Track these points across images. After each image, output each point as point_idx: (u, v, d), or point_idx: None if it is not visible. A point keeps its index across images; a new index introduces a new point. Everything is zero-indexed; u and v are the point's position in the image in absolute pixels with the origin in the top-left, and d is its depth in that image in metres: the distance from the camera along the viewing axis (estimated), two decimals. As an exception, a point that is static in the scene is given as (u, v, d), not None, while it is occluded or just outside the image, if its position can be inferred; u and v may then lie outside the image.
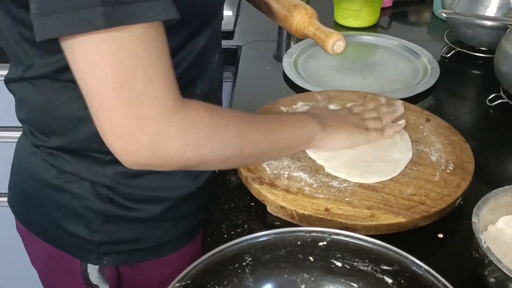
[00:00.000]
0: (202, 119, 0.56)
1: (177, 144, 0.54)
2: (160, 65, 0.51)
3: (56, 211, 0.69)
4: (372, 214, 0.65)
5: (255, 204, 0.71)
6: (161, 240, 0.73)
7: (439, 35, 1.21)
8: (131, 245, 0.71)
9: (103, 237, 0.69)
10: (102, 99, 0.50)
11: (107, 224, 0.69)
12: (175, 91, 0.53)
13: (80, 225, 0.69)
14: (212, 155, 0.58)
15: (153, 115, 0.51)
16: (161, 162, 0.55)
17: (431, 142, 0.78)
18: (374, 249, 0.55)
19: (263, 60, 1.12)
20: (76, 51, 0.49)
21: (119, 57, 0.48)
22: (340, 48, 0.76)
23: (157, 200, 0.70)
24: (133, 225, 0.70)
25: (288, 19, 0.81)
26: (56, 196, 0.69)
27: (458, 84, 1.06)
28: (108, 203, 0.68)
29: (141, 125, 0.51)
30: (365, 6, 1.23)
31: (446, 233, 0.68)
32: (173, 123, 0.53)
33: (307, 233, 0.56)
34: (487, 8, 1.05)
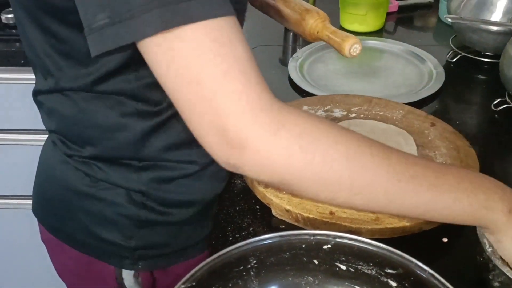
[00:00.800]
0: (296, 126, 0.47)
1: (264, 146, 0.46)
2: (234, 56, 0.45)
3: (89, 218, 0.69)
4: (376, 217, 0.66)
5: (260, 207, 0.72)
6: (189, 242, 0.73)
7: (444, 40, 1.21)
8: (164, 249, 0.72)
9: (138, 242, 0.69)
10: (183, 99, 0.47)
11: (141, 229, 0.69)
12: (257, 84, 0.46)
13: (114, 232, 0.69)
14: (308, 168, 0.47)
15: (236, 110, 0.45)
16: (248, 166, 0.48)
17: (436, 147, 0.79)
18: (378, 253, 0.55)
19: (268, 65, 1.13)
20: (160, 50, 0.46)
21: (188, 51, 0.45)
22: (356, 51, 0.75)
23: (187, 203, 0.70)
24: (166, 229, 0.71)
25: (301, 23, 0.81)
26: (89, 204, 0.68)
27: (464, 89, 1.06)
28: (142, 208, 0.68)
29: (226, 120, 0.45)
30: (371, 11, 1.24)
31: (450, 237, 0.68)
32: (257, 120, 0.45)
33: (312, 236, 0.56)
34: (492, 13, 1.05)
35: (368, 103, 0.89)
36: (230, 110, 0.45)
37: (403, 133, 0.80)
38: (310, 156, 0.47)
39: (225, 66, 0.45)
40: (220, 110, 0.46)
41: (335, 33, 0.78)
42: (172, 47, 0.45)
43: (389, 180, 0.49)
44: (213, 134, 0.47)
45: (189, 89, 0.46)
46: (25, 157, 1.04)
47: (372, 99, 0.90)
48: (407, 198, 0.50)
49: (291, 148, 0.46)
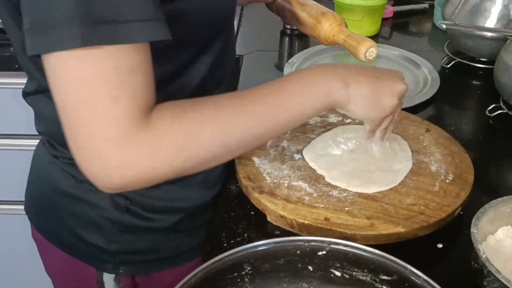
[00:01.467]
0: (169, 131, 0.52)
1: (145, 165, 0.52)
2: (129, 84, 0.50)
3: (74, 220, 0.70)
4: (371, 224, 0.65)
5: (255, 213, 0.71)
6: (177, 250, 0.73)
7: (439, 45, 1.22)
8: (147, 255, 0.72)
9: (120, 247, 0.70)
10: (69, 117, 0.50)
11: (124, 234, 0.69)
12: (143, 108, 0.51)
13: (97, 235, 0.69)
14: (188, 164, 0.54)
15: (117, 136, 0.50)
16: (135, 184, 0.53)
17: (431, 152, 0.79)
18: (373, 259, 0.55)
19: (264, 70, 1.13)
20: (51, 67, 0.50)
21: (85, 76, 0.48)
22: (372, 55, 0.74)
23: (173, 210, 0.71)
24: (150, 235, 0.71)
25: (316, 26, 0.81)
26: (74, 206, 0.69)
27: (458, 94, 1.07)
28: (126, 213, 0.68)
29: (107, 149, 0.50)
30: (366, 17, 1.24)
31: (445, 243, 0.68)
32: (139, 144, 0.51)
33: (307, 242, 0.56)
34: (487, 19, 1.06)
35: (363, 109, 0.89)
36: (111, 135, 0.50)
37: (398, 138, 0.81)
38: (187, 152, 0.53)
39: (116, 93, 0.49)
40: (101, 135, 0.50)
41: (351, 37, 0.77)
42: (74, 67, 0.48)
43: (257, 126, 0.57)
44: (91, 159, 0.51)
45: (77, 111, 0.49)
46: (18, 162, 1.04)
47: (367, 104, 0.90)
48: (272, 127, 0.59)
49: (171, 155, 0.53)
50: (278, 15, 0.91)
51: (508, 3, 1.05)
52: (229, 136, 0.56)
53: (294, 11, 0.85)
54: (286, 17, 0.88)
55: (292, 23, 0.89)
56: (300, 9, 0.84)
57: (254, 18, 1.38)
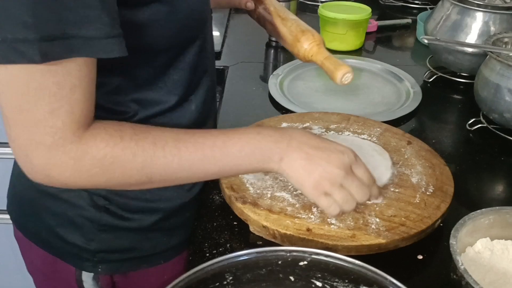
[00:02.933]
0: (98, 151, 0.56)
1: (66, 173, 0.56)
2: (69, 99, 0.53)
3: (53, 219, 0.71)
4: (353, 234, 0.66)
5: (238, 223, 0.71)
6: (155, 250, 0.74)
7: (422, 60, 1.24)
8: (125, 254, 0.73)
9: (98, 246, 0.71)
10: (7, 118, 0.54)
11: (102, 233, 0.70)
12: (78, 122, 0.55)
13: (76, 234, 0.70)
14: (109, 184, 0.59)
15: (47, 142, 0.54)
16: (54, 185, 0.58)
17: (412, 165, 0.80)
18: (353, 269, 0.55)
19: (249, 81, 1.14)
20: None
21: (27, 84, 0.52)
22: (348, 79, 0.76)
23: (151, 210, 0.72)
24: (128, 234, 0.72)
25: (296, 44, 0.82)
26: (54, 205, 0.70)
27: (440, 108, 1.09)
28: (104, 212, 0.70)
29: (35, 150, 0.54)
30: (350, 31, 1.26)
31: (425, 254, 0.69)
32: (65, 153, 0.55)
33: (288, 252, 0.56)
34: (467, 35, 1.08)
35: (346, 121, 0.90)
36: (43, 140, 0.54)
37: (379, 148, 0.82)
38: (111, 174, 0.57)
39: (55, 106, 0.53)
40: (34, 138, 0.54)
41: (329, 60, 0.78)
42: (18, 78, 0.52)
43: (182, 171, 0.60)
44: (23, 159, 0.56)
45: (15, 115, 0.54)
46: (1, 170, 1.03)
47: (350, 116, 0.92)
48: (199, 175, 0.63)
49: (92, 171, 0.57)
50: (259, 23, 0.92)
51: (488, 20, 1.08)
52: (154, 172, 0.59)
53: (274, 24, 0.86)
54: (267, 28, 0.89)
55: (271, 35, 0.90)
56: (280, 23, 0.85)
57: (240, 29, 1.40)
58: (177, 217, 0.74)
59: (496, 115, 0.94)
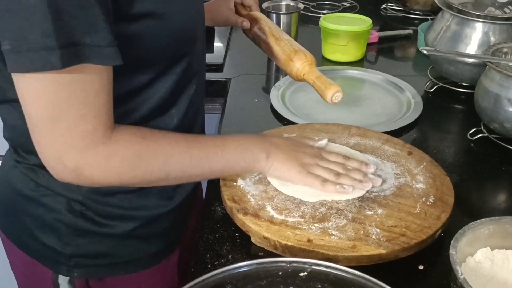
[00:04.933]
0: (126, 149, 0.62)
1: (97, 172, 0.61)
2: (94, 104, 0.58)
3: (32, 221, 0.73)
4: (353, 245, 0.66)
5: (240, 234, 0.72)
6: (132, 257, 0.76)
7: (423, 70, 1.25)
8: (102, 260, 0.74)
9: (74, 250, 0.72)
10: (38, 127, 0.59)
11: (78, 237, 0.72)
12: (106, 125, 0.60)
13: (52, 237, 0.72)
14: (134, 181, 0.65)
15: (80, 145, 0.59)
16: (84, 184, 0.64)
17: (413, 175, 0.80)
18: (354, 280, 0.56)
19: (251, 93, 1.15)
20: (24, 85, 0.56)
21: (57, 94, 0.56)
22: (338, 98, 0.80)
23: (128, 217, 0.73)
24: (104, 240, 0.73)
25: (289, 63, 0.84)
26: (32, 208, 0.72)
27: (441, 118, 1.09)
28: (80, 217, 0.71)
29: (68, 154, 0.59)
30: (352, 42, 1.27)
31: (426, 264, 0.69)
32: (96, 153, 0.60)
33: (288, 263, 0.57)
34: (467, 46, 1.09)
35: (347, 132, 0.91)
36: (76, 145, 0.59)
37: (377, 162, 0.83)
38: (136, 171, 0.64)
39: (83, 112, 0.58)
40: (68, 145, 0.59)
41: (320, 79, 0.81)
42: (46, 86, 0.55)
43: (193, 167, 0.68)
44: (55, 163, 0.60)
45: (45, 122, 0.58)
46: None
47: (351, 127, 0.92)
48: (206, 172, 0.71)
49: (120, 169, 0.63)
50: (254, 42, 0.93)
51: (488, 30, 1.08)
52: (171, 169, 0.66)
53: (268, 43, 0.88)
54: (261, 47, 0.92)
55: (266, 53, 0.92)
56: (274, 43, 0.87)
57: (242, 42, 1.41)
58: (155, 225, 0.76)
59: (497, 125, 0.95)
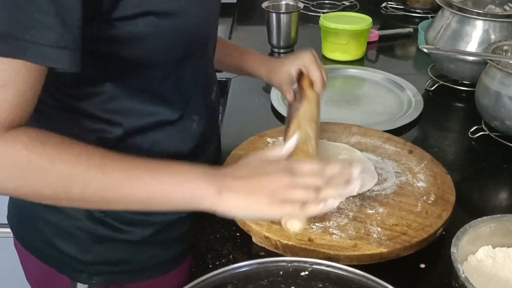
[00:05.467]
0: (13, 155, 0.53)
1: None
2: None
3: (49, 229, 0.72)
4: (354, 244, 0.66)
5: (241, 234, 0.72)
6: (150, 263, 0.75)
7: (423, 68, 1.24)
8: (120, 266, 0.73)
9: (93, 257, 0.71)
10: None
11: (97, 244, 0.71)
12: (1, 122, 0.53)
13: (71, 244, 0.71)
14: (19, 192, 0.56)
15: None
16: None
17: (414, 174, 0.80)
18: (355, 279, 0.56)
19: (252, 93, 1.15)
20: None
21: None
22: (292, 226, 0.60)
23: (147, 223, 0.72)
24: (123, 247, 0.72)
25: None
26: (50, 215, 0.71)
27: (442, 116, 1.09)
28: (100, 224, 0.70)
29: None
30: (352, 41, 1.27)
31: (428, 263, 0.69)
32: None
33: (289, 263, 0.57)
34: (468, 44, 1.09)
35: (348, 131, 0.91)
36: None
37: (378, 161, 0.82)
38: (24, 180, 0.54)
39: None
40: None
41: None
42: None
43: (106, 190, 0.55)
44: None
45: None
46: None
47: (352, 126, 0.92)
48: (126, 199, 0.57)
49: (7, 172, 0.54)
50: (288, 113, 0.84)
51: (488, 28, 1.08)
52: (75, 187, 0.55)
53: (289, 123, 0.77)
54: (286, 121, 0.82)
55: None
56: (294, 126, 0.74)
57: (242, 41, 1.41)
58: (173, 230, 0.74)
59: (498, 123, 0.94)
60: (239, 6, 1.66)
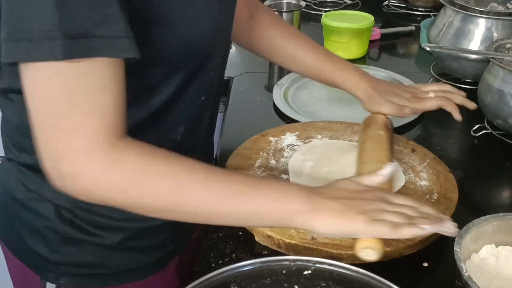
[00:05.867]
0: (130, 163, 0.54)
1: (94, 182, 0.53)
2: (100, 102, 0.52)
3: (22, 227, 0.72)
4: (357, 243, 0.66)
5: (243, 233, 0.72)
6: (123, 268, 0.73)
7: (426, 67, 1.24)
8: (90, 269, 0.72)
9: (62, 258, 0.71)
10: (37, 123, 0.53)
11: (66, 245, 0.71)
12: (109, 129, 0.53)
13: (41, 243, 0.71)
14: (141, 200, 0.55)
15: (81, 147, 0.52)
16: (81, 194, 0.55)
17: (416, 172, 0.80)
18: (358, 278, 0.56)
19: (254, 91, 1.15)
20: (29, 76, 0.52)
21: (61, 87, 0.51)
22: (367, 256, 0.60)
23: (117, 228, 0.71)
24: (93, 250, 0.71)
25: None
26: (22, 213, 0.72)
27: (444, 115, 1.07)
28: (69, 225, 0.70)
29: (64, 156, 0.52)
30: (354, 39, 1.27)
31: (431, 262, 0.69)
32: (97, 159, 0.53)
33: (292, 262, 0.57)
34: (470, 42, 1.09)
35: (350, 129, 0.91)
36: (74, 146, 0.52)
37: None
38: (141, 191, 0.54)
39: (86, 109, 0.52)
40: (65, 146, 0.52)
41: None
42: (51, 78, 0.50)
43: (210, 202, 0.56)
44: (51, 166, 0.54)
45: (47, 118, 0.52)
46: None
47: (354, 125, 0.92)
48: (225, 214, 0.58)
49: (124, 183, 0.54)
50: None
51: (491, 26, 1.08)
52: (182, 197, 0.55)
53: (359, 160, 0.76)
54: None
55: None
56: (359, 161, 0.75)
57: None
58: (148, 237, 0.72)
59: (500, 121, 0.94)
60: (240, 5, 1.66)
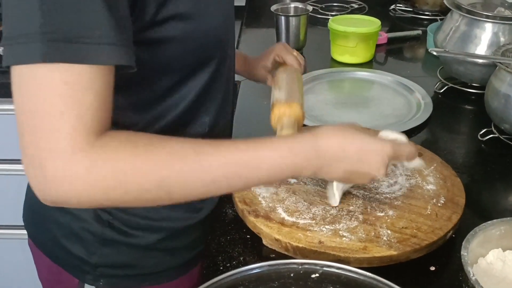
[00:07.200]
0: (113, 160, 0.52)
1: (79, 185, 0.52)
2: (80, 103, 0.51)
3: (59, 229, 0.73)
4: (364, 246, 0.67)
5: (251, 236, 0.72)
6: (157, 268, 0.75)
7: (432, 71, 1.24)
8: (127, 270, 0.74)
9: (100, 259, 0.72)
10: (18, 124, 0.52)
11: (104, 247, 0.72)
12: (88, 128, 0.51)
13: (79, 246, 0.72)
14: (127, 198, 0.54)
15: (62, 148, 0.50)
16: (65, 200, 0.53)
17: (423, 176, 0.80)
18: (365, 281, 0.56)
19: (261, 95, 1.15)
20: (14, 79, 0.52)
21: (38, 88, 0.50)
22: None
23: (154, 229, 0.73)
24: (130, 251, 0.73)
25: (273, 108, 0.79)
26: (59, 216, 0.72)
27: (451, 119, 1.09)
28: (107, 227, 0.71)
29: (49, 157, 0.51)
30: (361, 43, 1.27)
31: (438, 266, 0.69)
32: (76, 162, 0.51)
33: (300, 265, 0.57)
34: (477, 46, 1.09)
35: (357, 134, 0.91)
36: (52, 147, 0.50)
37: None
38: (126, 187, 0.53)
39: (65, 109, 0.50)
40: (43, 145, 0.51)
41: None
42: (32, 79, 0.50)
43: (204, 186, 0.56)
44: (33, 167, 0.52)
45: (28, 119, 0.51)
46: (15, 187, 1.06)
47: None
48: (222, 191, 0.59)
49: (105, 183, 0.52)
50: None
51: (498, 31, 1.08)
52: (177, 187, 0.55)
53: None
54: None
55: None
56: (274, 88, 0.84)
57: (251, 44, 1.42)
58: (181, 238, 0.75)
59: (507, 125, 0.94)
60: (248, 9, 1.67)
